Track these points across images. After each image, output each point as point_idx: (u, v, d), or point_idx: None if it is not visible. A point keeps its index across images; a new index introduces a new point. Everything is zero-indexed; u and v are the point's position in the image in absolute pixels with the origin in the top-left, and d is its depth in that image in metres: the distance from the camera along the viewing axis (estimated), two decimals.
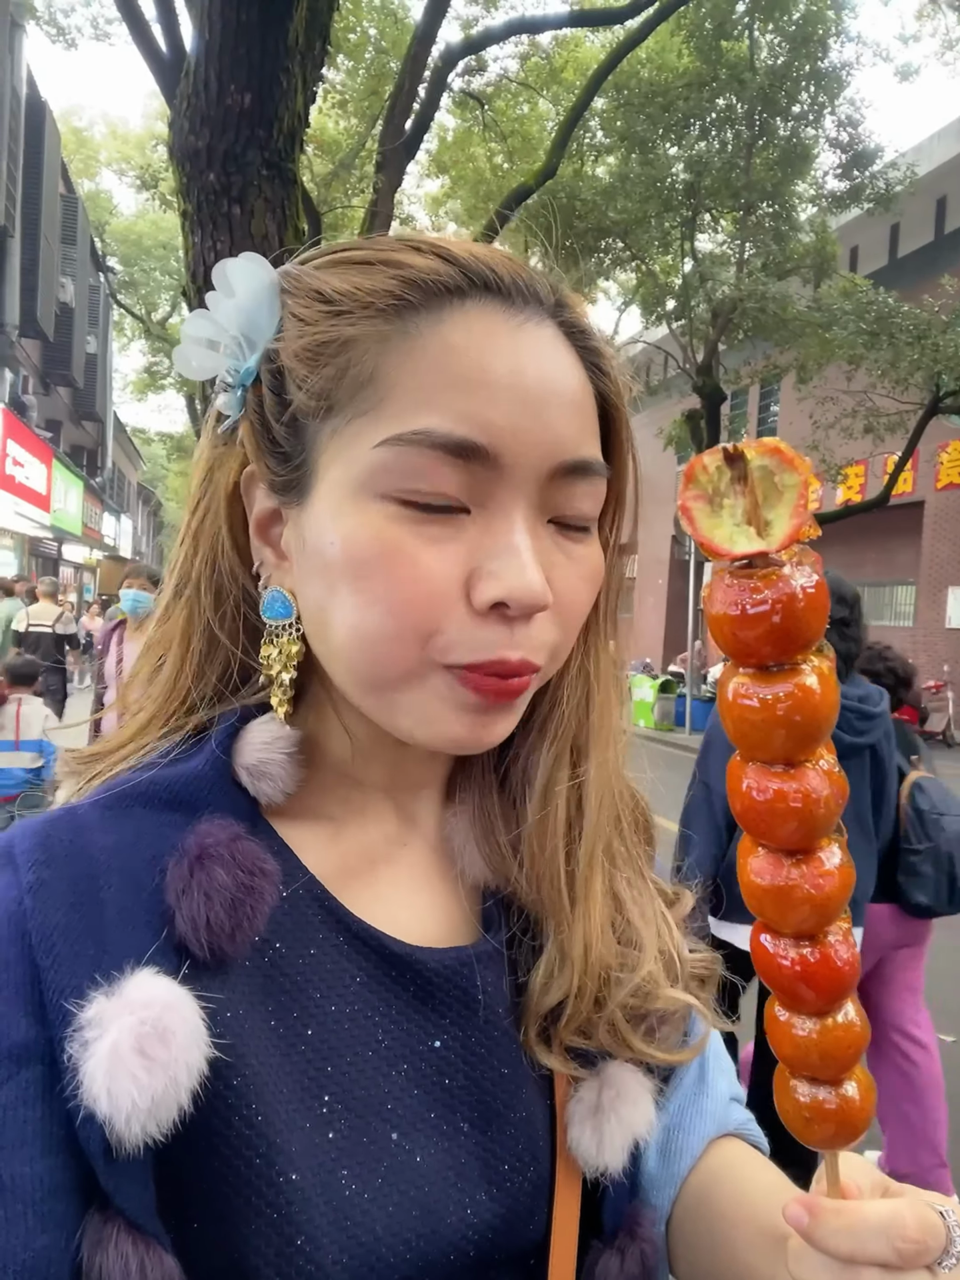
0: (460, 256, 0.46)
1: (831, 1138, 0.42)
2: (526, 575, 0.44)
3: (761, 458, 0.36)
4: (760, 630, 0.36)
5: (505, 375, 0.44)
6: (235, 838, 0.47)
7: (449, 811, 0.58)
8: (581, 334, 0.50)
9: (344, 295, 0.46)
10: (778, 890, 0.39)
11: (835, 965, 0.40)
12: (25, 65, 13.25)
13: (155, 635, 0.55)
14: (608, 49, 10.62)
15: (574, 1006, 0.52)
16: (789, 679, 0.37)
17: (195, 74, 2.74)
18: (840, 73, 11.62)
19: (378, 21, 11.78)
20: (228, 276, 0.49)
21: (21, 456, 13.14)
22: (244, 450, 0.51)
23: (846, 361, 10.73)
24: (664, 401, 17.80)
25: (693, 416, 12.47)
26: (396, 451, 0.44)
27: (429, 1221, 0.46)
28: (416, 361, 0.44)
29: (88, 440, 22.49)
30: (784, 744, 0.38)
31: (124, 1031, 0.40)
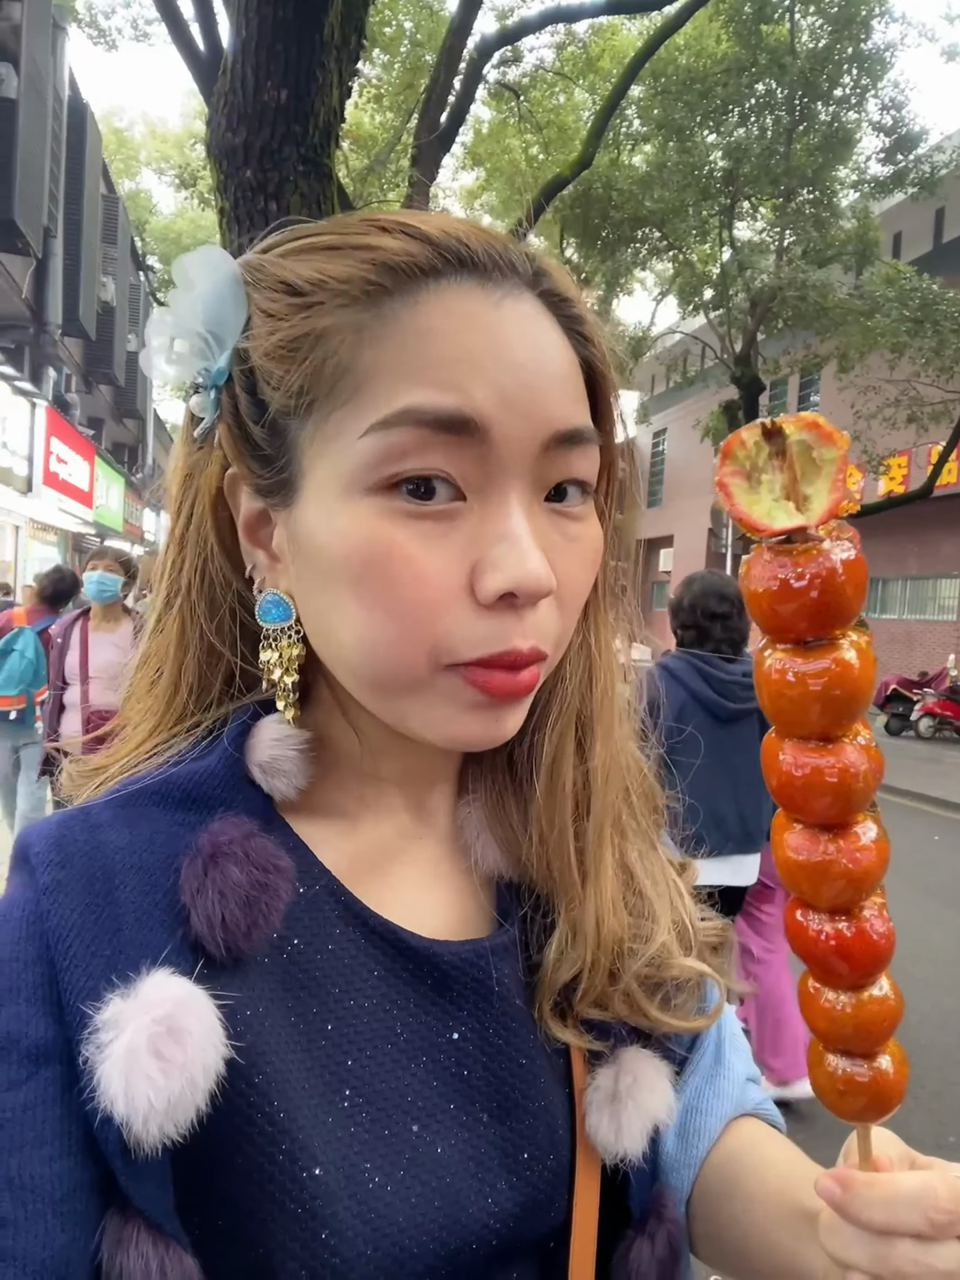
0: (432, 234, 0.44)
1: (864, 1110, 0.42)
2: (529, 562, 0.43)
3: (800, 432, 0.36)
4: (799, 605, 0.36)
5: (489, 351, 0.43)
6: (249, 835, 0.47)
7: (462, 802, 0.58)
8: (563, 302, 0.48)
9: (314, 285, 0.45)
10: (815, 865, 0.40)
11: (871, 939, 0.40)
12: (67, 68, 13.46)
13: (150, 647, 0.54)
14: (645, 36, 10.50)
15: (588, 981, 0.53)
16: (827, 654, 0.37)
17: (232, 71, 2.77)
18: (884, 54, 11.35)
19: (413, 14, 11.77)
20: (187, 271, 0.47)
21: (65, 454, 13.39)
22: (224, 452, 0.49)
23: (889, 350, 10.52)
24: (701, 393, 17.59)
25: (730, 408, 12.32)
26: (383, 436, 0.42)
27: (451, 1211, 0.47)
28: (396, 348, 0.43)
29: (129, 437, 22.84)
30: (821, 719, 0.38)
31: (140, 1033, 0.40)
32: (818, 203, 11.89)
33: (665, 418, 26.11)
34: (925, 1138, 2.99)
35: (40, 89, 11.15)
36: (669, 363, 18.27)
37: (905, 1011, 0.42)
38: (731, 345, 12.42)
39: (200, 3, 4.94)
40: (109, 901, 0.44)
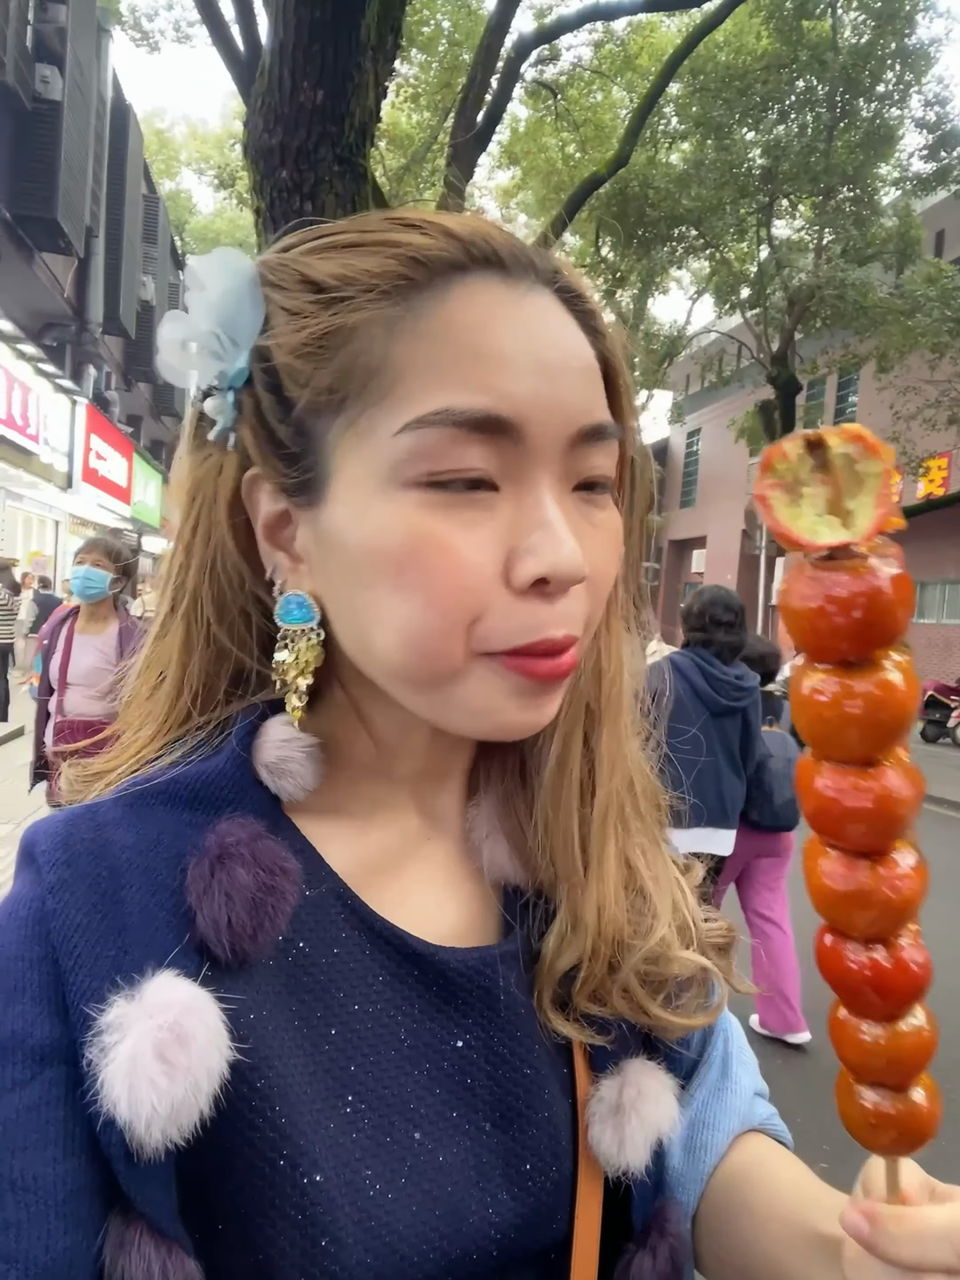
0: (457, 230, 0.45)
1: (895, 1143, 0.41)
2: (565, 548, 0.43)
3: (843, 445, 0.35)
4: (844, 625, 0.35)
5: (519, 345, 0.43)
6: (256, 837, 0.47)
7: (471, 804, 0.57)
8: (577, 298, 0.48)
9: (342, 280, 0.44)
10: (854, 894, 0.38)
11: (910, 969, 0.39)
12: (111, 70, 13.68)
13: (153, 652, 0.54)
14: (684, 33, 10.44)
15: (588, 969, 0.52)
16: (871, 675, 0.36)
17: (270, 72, 2.79)
18: (928, 49, 11.18)
19: (451, 14, 11.80)
20: (198, 274, 0.47)
21: (104, 450, 13.61)
22: (239, 454, 0.49)
23: (930, 350, 10.35)
24: (736, 392, 17.43)
25: (766, 408, 12.20)
26: (419, 435, 0.42)
27: (452, 1221, 0.46)
28: (427, 344, 0.43)
29: (166, 435, 23.15)
30: (863, 743, 0.37)
31: (143, 1036, 0.40)
32: (858, 200, 11.74)
33: (700, 418, 25.91)
34: (956, 1150, 2.94)
35: (84, 91, 11.35)
36: (704, 362, 18.10)
37: (942, 1024, 0.41)
38: (768, 345, 12.29)
39: (241, 4, 5.01)
40: (114, 901, 0.44)
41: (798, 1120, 2.97)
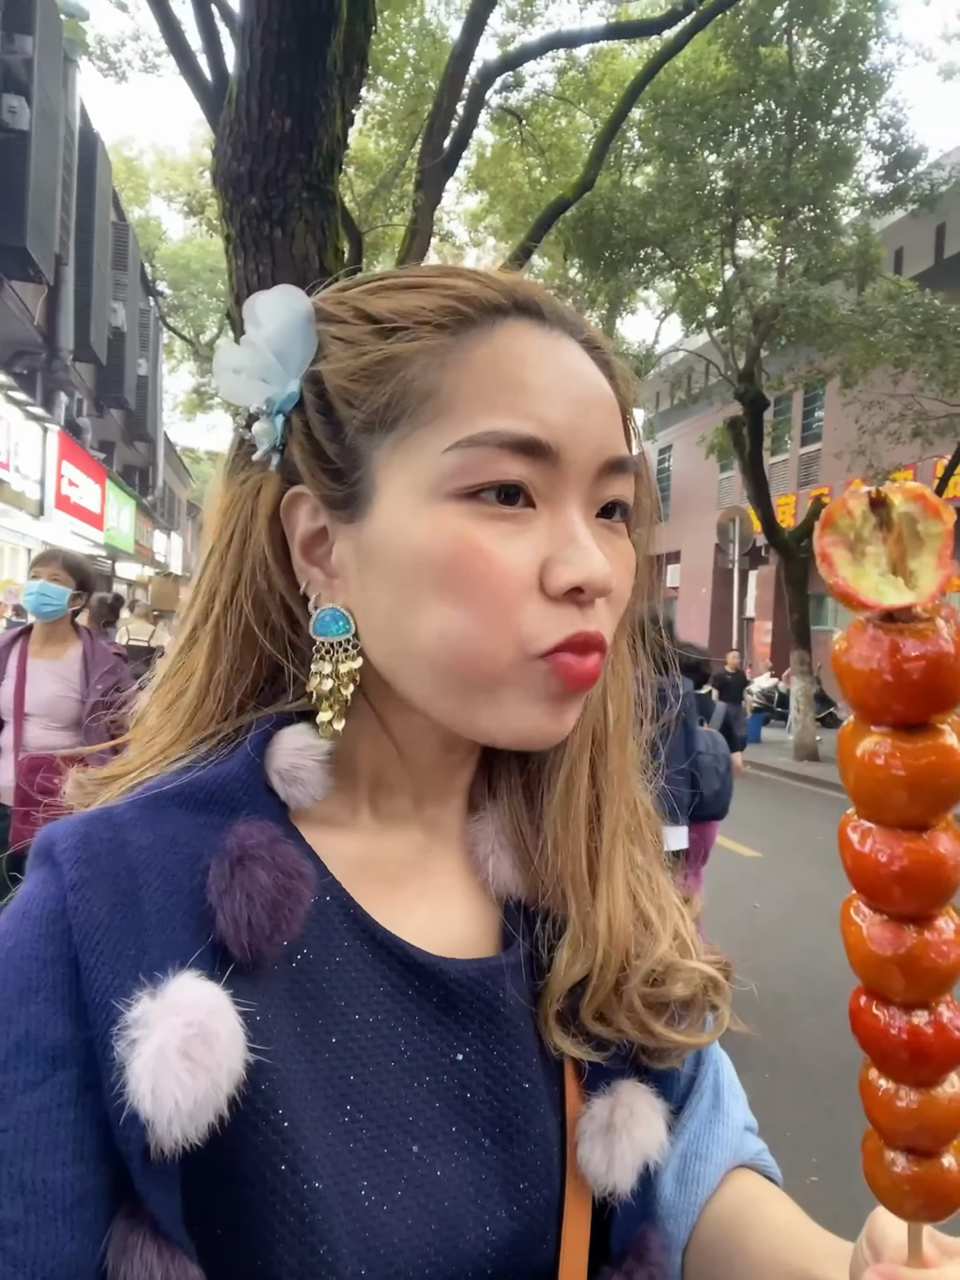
0: (502, 280, 0.51)
1: (921, 1210, 0.40)
2: (595, 560, 0.47)
3: (906, 504, 0.35)
4: (906, 688, 0.34)
5: (556, 380, 0.48)
6: (275, 840, 0.48)
7: (473, 820, 0.59)
8: (598, 349, 0.53)
9: (398, 314, 0.49)
10: (900, 959, 0.37)
11: (950, 1036, 0.38)
12: (79, 99, 13.70)
13: (177, 663, 0.55)
14: (644, 60, 10.63)
15: (599, 979, 0.53)
16: (929, 739, 0.35)
17: (237, 101, 2.83)
18: (881, 74, 11.46)
19: (416, 42, 11.95)
20: (257, 310, 0.52)
21: (76, 477, 13.51)
22: (280, 474, 0.52)
23: (893, 364, 10.55)
24: (705, 409, 17.64)
25: (735, 424, 12.34)
26: (466, 453, 0.46)
27: (447, 1236, 0.47)
28: (475, 371, 0.48)
29: (139, 460, 23.03)
30: (918, 807, 0.36)
31: (170, 1033, 0.40)
32: (819, 220, 11.96)
33: (670, 434, 26.18)
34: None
35: (52, 121, 11.36)
36: (673, 380, 18.32)
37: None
38: (735, 362, 12.47)
39: (207, 34, 5.06)
40: (133, 900, 0.44)
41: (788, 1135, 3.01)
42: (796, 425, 19.77)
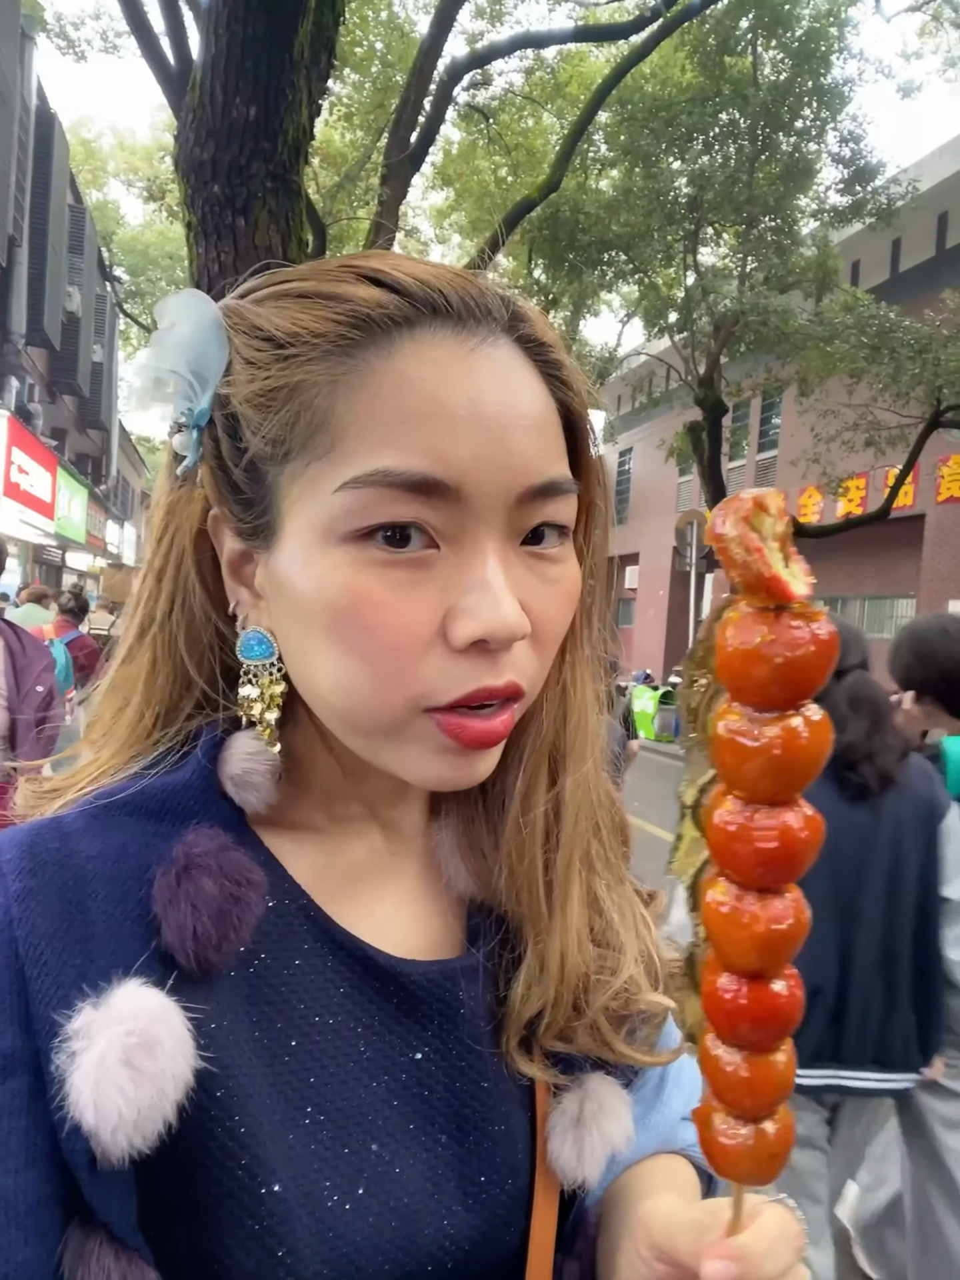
0: (406, 283, 0.45)
1: (754, 1173, 0.41)
2: (502, 610, 0.43)
3: (778, 505, 0.36)
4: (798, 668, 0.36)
5: (462, 405, 0.43)
6: (223, 848, 0.47)
7: (435, 823, 0.58)
8: (540, 347, 0.48)
9: (290, 336, 0.45)
10: (753, 931, 0.38)
11: (788, 1003, 0.40)
12: (35, 77, 13.37)
13: (118, 676, 0.54)
14: (612, 64, 10.72)
15: (552, 1015, 0.53)
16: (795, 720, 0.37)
17: (201, 86, 2.78)
18: (842, 89, 11.67)
19: (384, 35, 11.89)
20: (170, 313, 0.48)
21: (26, 464, 13.18)
22: (205, 492, 0.50)
23: (848, 375, 10.75)
24: (666, 413, 17.83)
25: (694, 429, 12.49)
26: (356, 494, 0.43)
27: (407, 1232, 0.47)
28: (370, 400, 0.43)
29: (92, 448, 22.57)
30: (775, 784, 0.37)
31: (111, 1043, 0.40)
32: (779, 230, 12.16)
33: (631, 437, 26.42)
34: None
35: (7, 98, 11.06)
36: (635, 383, 18.54)
37: None
38: (695, 368, 12.62)
39: (171, 16, 4.96)
40: (80, 910, 0.44)
41: None
42: (754, 432, 20.08)
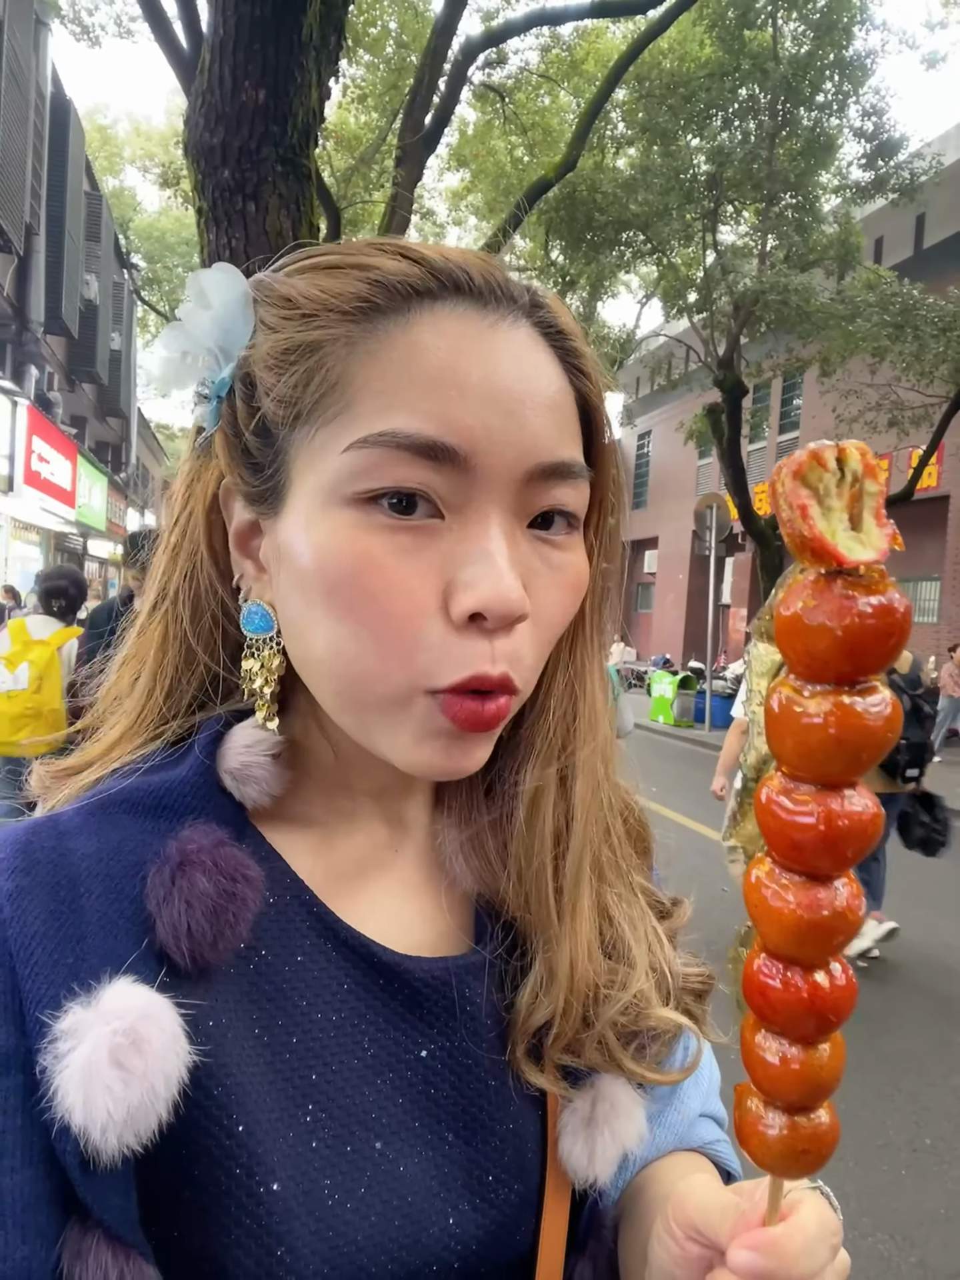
0: (430, 258, 0.46)
1: (796, 1165, 0.40)
2: (503, 583, 0.42)
3: (857, 461, 0.34)
4: (857, 644, 0.33)
5: (477, 375, 0.43)
6: (218, 844, 0.47)
7: (439, 818, 0.57)
8: (559, 334, 0.48)
9: (310, 299, 0.46)
10: (808, 920, 0.37)
11: (843, 993, 0.39)
12: (50, 64, 13.36)
13: (131, 649, 0.55)
14: (629, 40, 10.54)
15: (560, 1025, 0.52)
16: (866, 696, 0.35)
17: (210, 70, 2.76)
18: (865, 61, 11.40)
19: (398, 15, 11.77)
20: (202, 288, 0.48)
21: (47, 453, 13.28)
22: (220, 461, 0.50)
23: (870, 354, 10.61)
24: (685, 395, 17.67)
25: (714, 410, 12.35)
26: (363, 454, 0.43)
27: (411, 1232, 0.46)
28: (384, 364, 0.43)
29: (112, 436, 22.70)
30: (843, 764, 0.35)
31: (99, 1042, 0.40)
32: (800, 207, 11.95)
33: (650, 420, 26.22)
34: (901, 1140, 3.01)
35: (22, 85, 11.07)
36: (653, 365, 18.35)
37: (885, 1013, 0.41)
38: (715, 349, 12.48)
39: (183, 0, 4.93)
40: (73, 909, 0.43)
41: None
42: (775, 413, 19.86)
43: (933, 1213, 2.66)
